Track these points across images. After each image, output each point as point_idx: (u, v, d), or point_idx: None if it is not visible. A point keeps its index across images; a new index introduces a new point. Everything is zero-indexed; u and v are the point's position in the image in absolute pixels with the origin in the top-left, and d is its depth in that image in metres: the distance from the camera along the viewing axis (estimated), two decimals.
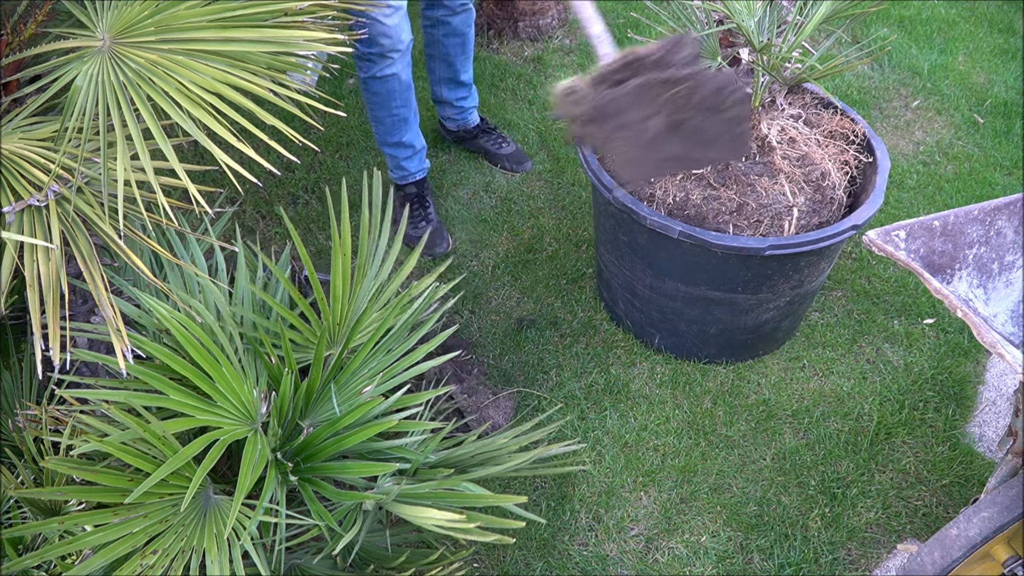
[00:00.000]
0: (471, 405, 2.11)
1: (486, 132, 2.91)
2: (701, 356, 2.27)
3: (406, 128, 2.50)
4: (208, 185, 1.84)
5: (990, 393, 2.25)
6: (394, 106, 2.42)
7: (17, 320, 1.62)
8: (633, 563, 1.86)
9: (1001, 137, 3.07)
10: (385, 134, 2.51)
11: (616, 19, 3.63)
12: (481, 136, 2.90)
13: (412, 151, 2.57)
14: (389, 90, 2.38)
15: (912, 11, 3.73)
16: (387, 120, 2.46)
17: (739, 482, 2.02)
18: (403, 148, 2.55)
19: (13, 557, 1.28)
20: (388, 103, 2.42)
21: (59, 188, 1.30)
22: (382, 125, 2.48)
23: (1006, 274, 1.51)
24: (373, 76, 2.33)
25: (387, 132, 2.50)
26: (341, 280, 1.57)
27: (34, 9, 1.42)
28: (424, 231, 2.58)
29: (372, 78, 2.34)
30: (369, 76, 2.34)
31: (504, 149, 2.88)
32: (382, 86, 2.36)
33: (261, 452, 1.32)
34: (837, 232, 1.95)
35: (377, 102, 2.42)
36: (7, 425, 1.49)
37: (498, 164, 2.88)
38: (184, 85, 1.28)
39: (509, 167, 2.87)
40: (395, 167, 2.61)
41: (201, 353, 1.38)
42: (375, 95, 2.40)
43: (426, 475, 1.48)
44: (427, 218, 2.62)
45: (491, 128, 2.92)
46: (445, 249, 2.59)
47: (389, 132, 2.50)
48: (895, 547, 1.90)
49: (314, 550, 1.50)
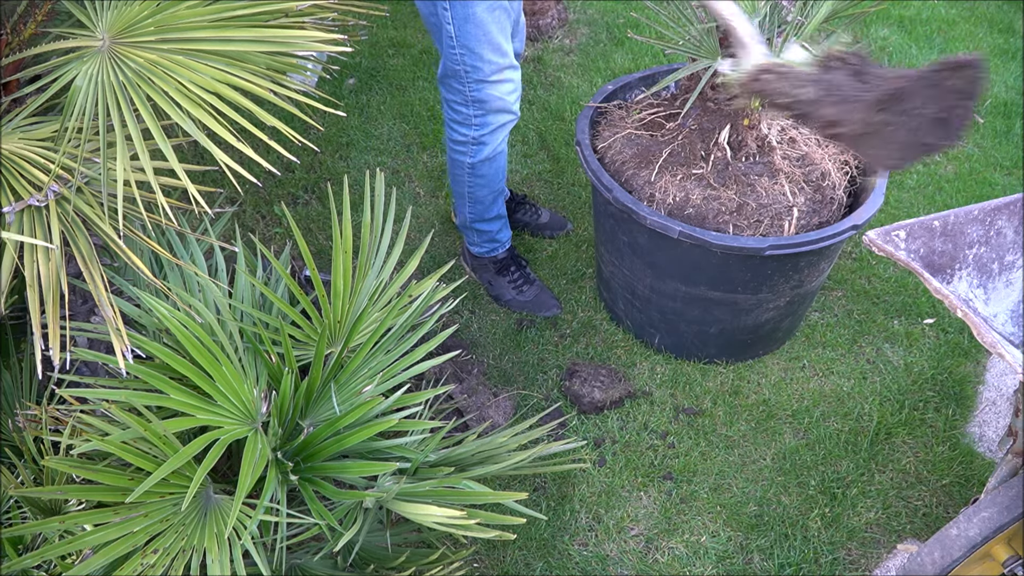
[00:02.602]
0: (471, 405, 2.11)
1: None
2: (701, 356, 2.27)
3: (503, 197, 2.29)
4: (208, 185, 1.84)
5: (990, 393, 2.25)
6: (498, 179, 2.19)
7: (17, 320, 1.62)
8: (633, 563, 1.86)
9: (1001, 137, 3.07)
10: (483, 211, 2.26)
11: (616, 19, 3.63)
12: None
13: (503, 221, 2.35)
14: (497, 168, 2.14)
15: (912, 11, 3.74)
16: (488, 198, 2.21)
17: (739, 482, 2.02)
18: (498, 221, 2.33)
19: (13, 557, 1.28)
20: (495, 182, 2.17)
21: (59, 188, 1.30)
22: (480, 204, 2.23)
23: (1006, 274, 1.51)
24: (484, 159, 2.09)
25: (486, 209, 2.25)
26: (342, 278, 1.57)
27: (34, 9, 1.42)
28: (532, 294, 2.40)
29: (482, 161, 2.09)
30: (480, 160, 2.10)
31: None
32: (491, 167, 2.11)
33: (261, 452, 1.32)
34: (837, 232, 1.95)
35: (482, 184, 2.17)
36: (7, 425, 1.49)
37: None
38: (184, 85, 1.28)
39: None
40: (487, 241, 2.37)
41: (201, 352, 1.38)
42: (481, 178, 2.15)
43: (426, 474, 1.48)
44: (528, 279, 2.41)
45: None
46: (560, 308, 2.39)
47: (488, 208, 2.25)
48: (895, 547, 1.89)
49: (315, 549, 1.50)
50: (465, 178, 2.18)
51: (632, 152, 2.14)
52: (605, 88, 2.36)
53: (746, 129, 2.06)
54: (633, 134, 2.19)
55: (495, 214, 2.29)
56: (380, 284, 1.66)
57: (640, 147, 2.15)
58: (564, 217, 2.68)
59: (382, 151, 2.93)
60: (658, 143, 2.14)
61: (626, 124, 2.23)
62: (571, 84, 3.26)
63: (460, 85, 1.99)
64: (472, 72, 1.95)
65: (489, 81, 1.97)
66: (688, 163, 2.07)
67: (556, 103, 3.15)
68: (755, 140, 2.06)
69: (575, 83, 3.26)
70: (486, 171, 2.14)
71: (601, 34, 3.56)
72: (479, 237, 2.37)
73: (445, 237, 2.62)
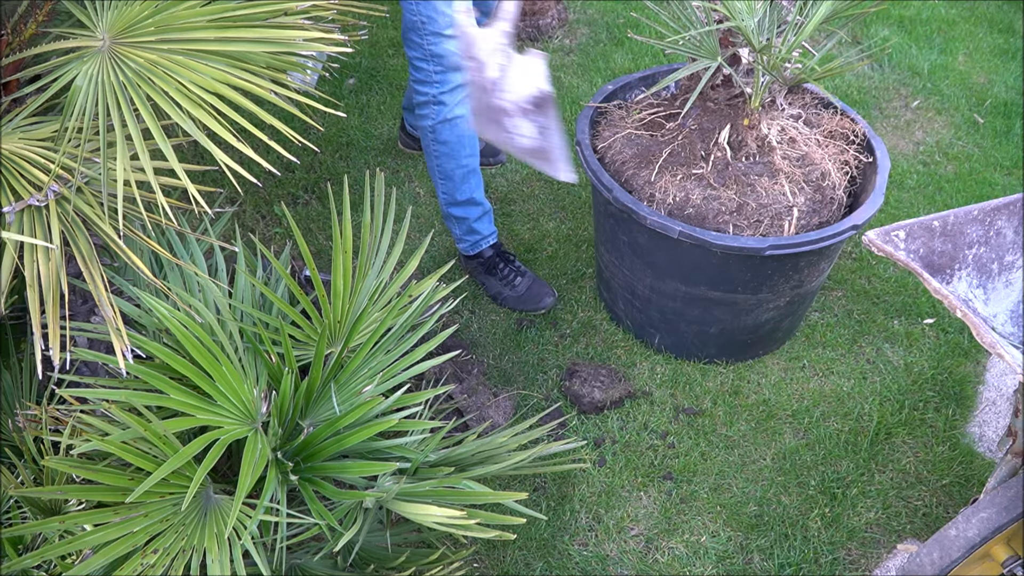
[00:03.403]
0: (471, 405, 2.11)
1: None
2: (701, 356, 2.27)
3: (477, 182, 2.27)
4: (208, 185, 1.84)
5: (990, 393, 2.25)
6: (464, 155, 2.20)
7: (17, 320, 1.62)
8: (633, 563, 1.87)
9: (1001, 137, 3.07)
10: (454, 191, 2.26)
11: (616, 19, 3.63)
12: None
13: (482, 210, 2.34)
14: (459, 135, 2.16)
15: (912, 11, 3.73)
16: (457, 174, 2.22)
17: (739, 482, 2.02)
18: (474, 207, 2.31)
19: (13, 557, 1.28)
20: (459, 152, 2.19)
21: (59, 188, 1.30)
22: (450, 181, 2.24)
23: (1006, 274, 1.51)
24: (443, 120, 2.12)
25: (456, 189, 2.26)
26: (342, 278, 1.57)
27: (34, 9, 1.42)
28: (523, 287, 2.37)
29: (442, 123, 2.12)
30: (438, 122, 2.12)
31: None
32: (452, 131, 2.14)
33: (261, 452, 1.32)
34: (837, 232, 1.95)
35: (446, 152, 2.18)
36: (7, 425, 1.49)
37: None
38: (184, 85, 1.28)
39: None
40: (466, 232, 2.37)
41: (201, 352, 1.38)
42: (444, 144, 2.17)
43: (426, 474, 1.48)
44: (518, 271, 2.39)
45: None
46: (555, 299, 2.38)
47: (458, 188, 2.25)
48: (895, 547, 1.90)
49: (315, 549, 1.50)
50: (431, 147, 2.20)
51: (632, 152, 2.14)
52: (605, 88, 2.36)
53: (746, 129, 2.06)
54: (633, 134, 2.19)
55: (467, 197, 2.28)
56: (380, 284, 1.66)
57: (640, 147, 2.15)
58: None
59: (382, 151, 2.93)
60: (658, 143, 2.14)
61: (626, 124, 2.23)
62: (571, 84, 3.26)
63: (418, 39, 2.03)
64: (428, 24, 1.99)
65: (444, 35, 2.00)
66: (688, 163, 2.07)
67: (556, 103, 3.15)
68: (755, 140, 2.06)
69: (575, 83, 3.26)
70: (448, 136, 2.15)
71: (601, 34, 3.56)
72: (459, 228, 2.36)
73: (445, 237, 2.62)
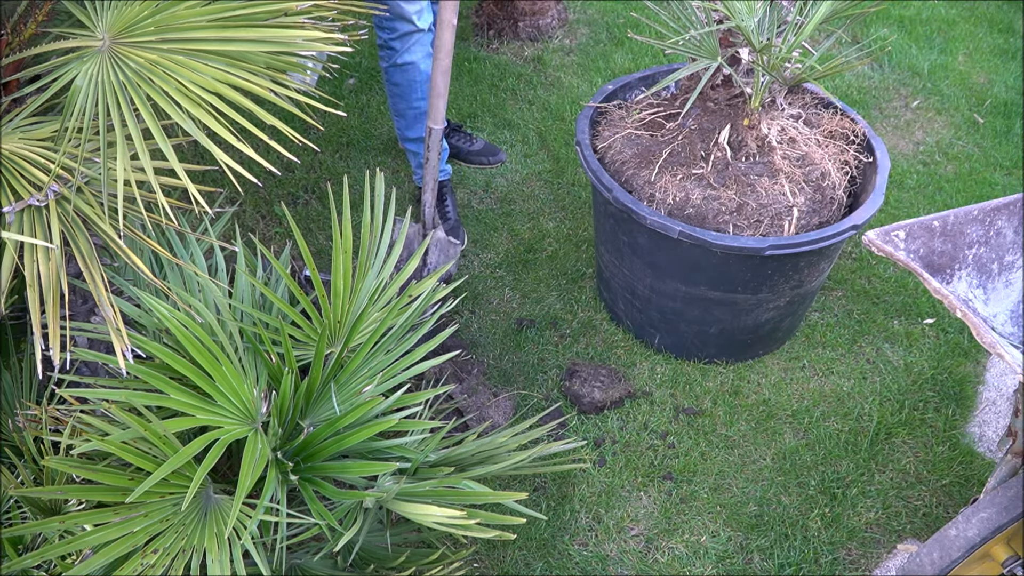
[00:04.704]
0: (471, 405, 2.11)
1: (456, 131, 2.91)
2: (701, 356, 2.27)
3: (424, 122, 2.47)
4: (208, 185, 1.83)
5: (990, 393, 2.25)
6: (415, 98, 2.42)
7: (17, 320, 1.62)
8: (633, 563, 1.86)
9: (1001, 137, 3.07)
10: (406, 128, 2.51)
11: (616, 19, 3.63)
12: (452, 135, 2.90)
13: None
14: (410, 80, 2.38)
15: (912, 11, 3.73)
16: (408, 113, 2.46)
17: (739, 482, 2.02)
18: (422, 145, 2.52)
19: (13, 557, 1.28)
20: (409, 94, 2.41)
21: (59, 188, 1.30)
22: (404, 119, 2.48)
23: (1006, 274, 1.51)
24: (394, 64, 2.34)
25: (408, 127, 2.50)
26: (342, 278, 1.57)
27: (34, 9, 1.42)
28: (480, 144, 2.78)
29: (393, 66, 2.34)
30: (390, 65, 2.35)
31: (475, 145, 2.90)
32: (403, 76, 2.36)
33: (261, 452, 1.32)
34: (837, 232, 1.95)
35: (398, 93, 2.42)
36: (7, 425, 1.49)
37: (476, 162, 2.91)
38: (184, 85, 1.28)
39: (486, 162, 2.91)
40: (417, 167, 2.62)
41: (201, 352, 1.38)
42: (396, 86, 2.40)
43: (426, 474, 1.48)
44: (445, 216, 2.63)
45: (459, 127, 2.93)
46: (462, 244, 2.58)
47: (410, 127, 2.49)
48: (895, 547, 1.90)
49: (315, 549, 1.50)
50: (386, 87, 2.46)
51: (632, 152, 2.14)
52: (605, 88, 2.36)
53: (746, 129, 2.06)
54: (633, 134, 2.19)
55: (417, 135, 2.51)
56: (380, 284, 1.65)
57: (640, 147, 2.15)
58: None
59: (382, 151, 2.93)
60: (658, 143, 2.14)
61: (626, 124, 2.23)
62: (571, 84, 3.26)
63: None
64: None
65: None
66: (688, 163, 2.07)
67: (556, 103, 3.15)
68: (755, 140, 2.06)
69: (575, 83, 3.26)
70: (399, 79, 2.38)
71: (601, 34, 3.56)
72: (412, 160, 2.62)
73: None
